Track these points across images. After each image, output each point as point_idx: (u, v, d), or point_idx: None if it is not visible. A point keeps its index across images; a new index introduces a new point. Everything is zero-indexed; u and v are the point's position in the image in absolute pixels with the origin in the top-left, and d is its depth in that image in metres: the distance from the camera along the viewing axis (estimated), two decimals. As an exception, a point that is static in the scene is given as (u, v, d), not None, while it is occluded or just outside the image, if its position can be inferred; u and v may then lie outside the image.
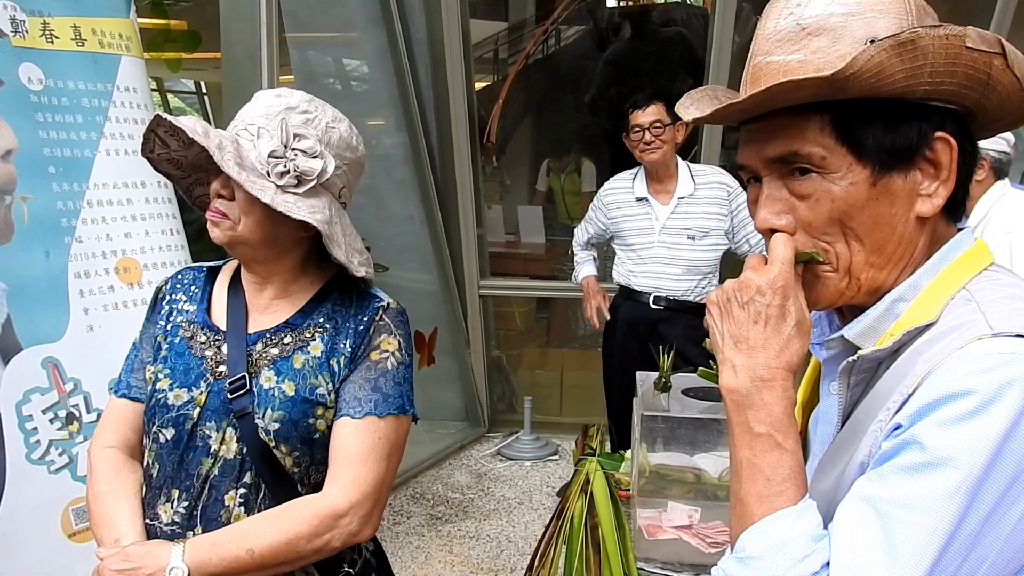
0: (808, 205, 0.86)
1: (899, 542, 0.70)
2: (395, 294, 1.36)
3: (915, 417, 0.74)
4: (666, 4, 8.98)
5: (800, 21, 0.84)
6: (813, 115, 0.83)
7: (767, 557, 0.78)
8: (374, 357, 1.40)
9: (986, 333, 0.75)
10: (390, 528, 3.87)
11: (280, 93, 1.40)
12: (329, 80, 4.82)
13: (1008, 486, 0.69)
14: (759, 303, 0.85)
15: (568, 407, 5.26)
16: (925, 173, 0.85)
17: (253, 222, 1.35)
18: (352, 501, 1.31)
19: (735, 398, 0.85)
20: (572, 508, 2.22)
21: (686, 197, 3.42)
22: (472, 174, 4.72)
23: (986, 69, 0.79)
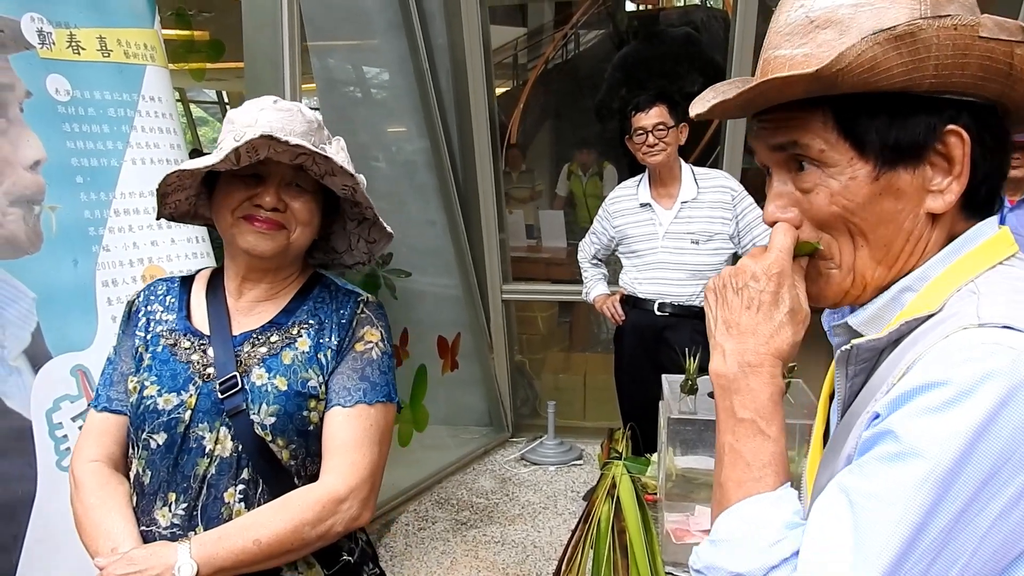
0: (810, 199, 0.85)
1: (866, 532, 0.68)
2: (418, 299, 1.38)
3: (892, 406, 0.72)
4: (685, 6, 8.96)
5: (809, 13, 0.82)
6: (816, 110, 0.82)
7: (738, 541, 0.77)
8: (359, 348, 1.46)
9: (972, 323, 0.72)
10: (415, 534, 3.88)
11: (299, 107, 1.43)
12: (350, 87, 4.85)
13: (984, 482, 0.67)
14: (753, 289, 0.85)
15: (592, 411, 5.24)
16: (937, 168, 0.81)
17: (309, 232, 1.44)
18: (351, 486, 1.36)
19: (722, 383, 0.85)
20: (599, 512, 2.21)
21: (689, 201, 3.42)
22: (494, 179, 4.73)
23: (1007, 59, 0.75)
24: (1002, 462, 0.67)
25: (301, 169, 1.39)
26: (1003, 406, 0.67)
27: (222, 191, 1.41)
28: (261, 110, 1.38)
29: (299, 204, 1.41)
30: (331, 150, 1.41)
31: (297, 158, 1.36)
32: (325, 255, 1.61)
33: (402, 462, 4.51)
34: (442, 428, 4.91)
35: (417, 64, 4.49)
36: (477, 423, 5.17)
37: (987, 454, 0.67)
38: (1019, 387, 0.67)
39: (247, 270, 1.47)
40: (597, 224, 3.72)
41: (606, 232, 3.66)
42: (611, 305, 3.66)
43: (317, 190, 1.44)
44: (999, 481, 0.67)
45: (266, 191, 1.38)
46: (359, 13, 4.42)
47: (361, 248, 1.58)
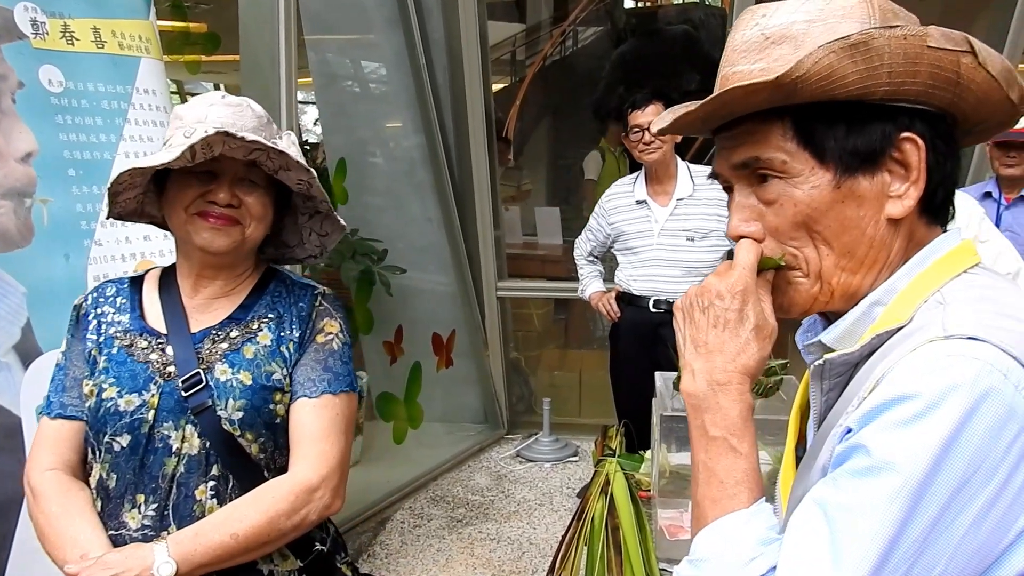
0: (774, 211, 0.86)
1: (843, 546, 0.68)
2: (413, 296, 1.38)
3: (863, 420, 0.73)
4: (684, 4, 8.95)
5: (764, 31, 0.84)
6: (776, 121, 0.84)
7: (715, 559, 0.78)
8: (320, 340, 1.48)
9: (938, 335, 0.73)
10: (410, 531, 3.87)
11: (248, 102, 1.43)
12: (347, 82, 4.83)
13: (956, 491, 0.67)
14: (718, 307, 0.86)
15: (587, 408, 5.25)
16: (894, 175, 0.83)
17: (263, 227, 1.45)
18: (322, 475, 1.38)
19: (693, 402, 0.86)
20: (592, 509, 2.20)
21: (685, 198, 3.42)
22: (489, 175, 4.72)
23: (954, 68, 0.78)
24: (972, 471, 0.68)
25: (254, 164, 1.39)
26: (970, 417, 0.68)
27: (174, 188, 1.40)
28: (211, 106, 1.38)
29: (253, 199, 1.41)
30: (283, 144, 1.40)
31: (251, 154, 1.36)
32: (276, 250, 1.61)
33: (397, 459, 4.50)
34: (437, 425, 4.90)
35: (414, 59, 4.47)
36: (472, 420, 5.15)
37: (957, 464, 0.67)
38: (985, 397, 0.68)
39: (202, 267, 1.47)
40: (593, 221, 3.73)
41: (602, 229, 3.66)
42: (606, 302, 3.67)
43: (268, 185, 1.44)
44: (970, 490, 0.68)
45: (220, 187, 1.38)
46: (356, 8, 4.40)
47: (313, 241, 1.58)
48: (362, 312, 4.46)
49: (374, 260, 4.35)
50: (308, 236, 1.58)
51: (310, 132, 8.87)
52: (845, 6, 0.82)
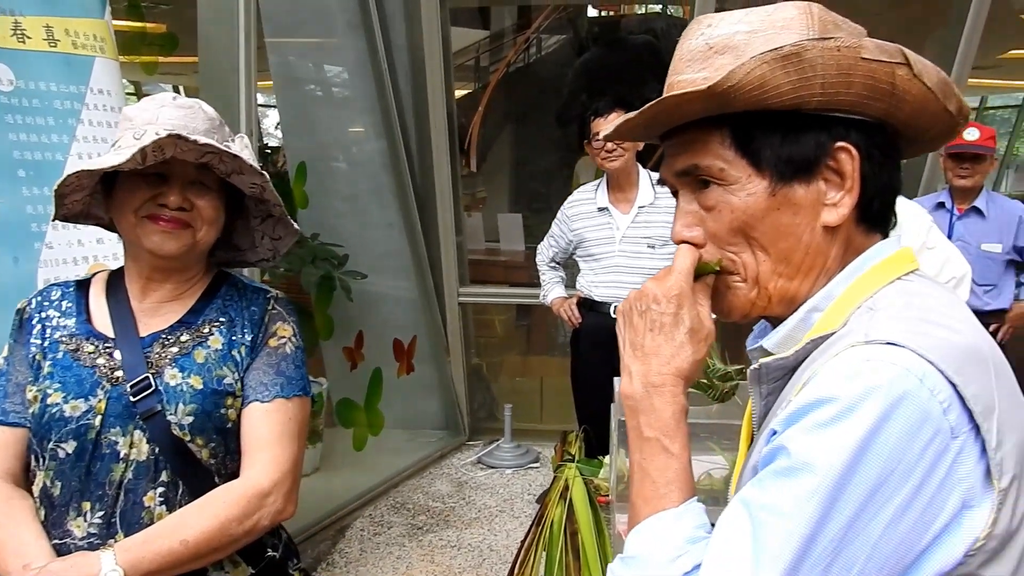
0: (713, 216, 0.88)
1: (762, 544, 0.70)
2: (374, 302, 1.36)
3: (787, 423, 0.75)
4: (646, 14, 9.03)
5: (709, 41, 0.86)
6: (715, 129, 0.86)
7: (643, 557, 0.79)
8: (272, 344, 1.46)
9: (859, 340, 0.75)
10: (370, 539, 3.84)
11: (199, 103, 1.41)
12: (308, 85, 4.80)
13: (871, 493, 0.69)
14: (655, 311, 0.88)
15: (549, 414, 5.25)
16: (830, 183, 0.85)
17: (215, 230, 1.43)
18: (274, 480, 1.36)
19: (630, 404, 0.87)
20: (551, 515, 2.20)
21: (646, 206, 3.45)
22: (451, 182, 4.72)
23: (889, 79, 0.80)
24: (887, 473, 0.69)
25: (205, 167, 1.37)
26: (885, 420, 0.69)
27: (122, 191, 1.38)
28: (161, 107, 1.36)
29: (204, 202, 1.39)
30: (236, 147, 1.39)
31: (203, 156, 1.33)
32: (227, 253, 1.58)
33: (357, 466, 4.47)
34: (398, 432, 4.88)
35: (376, 64, 4.46)
36: (433, 426, 5.14)
37: (872, 466, 0.69)
38: (900, 401, 0.70)
39: (151, 271, 1.44)
40: (555, 227, 3.74)
41: (564, 235, 3.67)
42: (568, 308, 3.68)
43: (220, 188, 1.42)
44: (886, 492, 0.69)
45: (171, 190, 1.36)
46: (318, 11, 4.38)
47: (266, 245, 1.57)
48: (322, 318, 4.42)
49: (335, 265, 4.32)
50: (260, 240, 1.56)
51: (271, 136, 8.79)
52: (785, 18, 0.84)
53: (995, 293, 3.83)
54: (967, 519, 0.72)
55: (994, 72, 11.62)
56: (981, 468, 0.72)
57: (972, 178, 3.72)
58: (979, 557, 0.72)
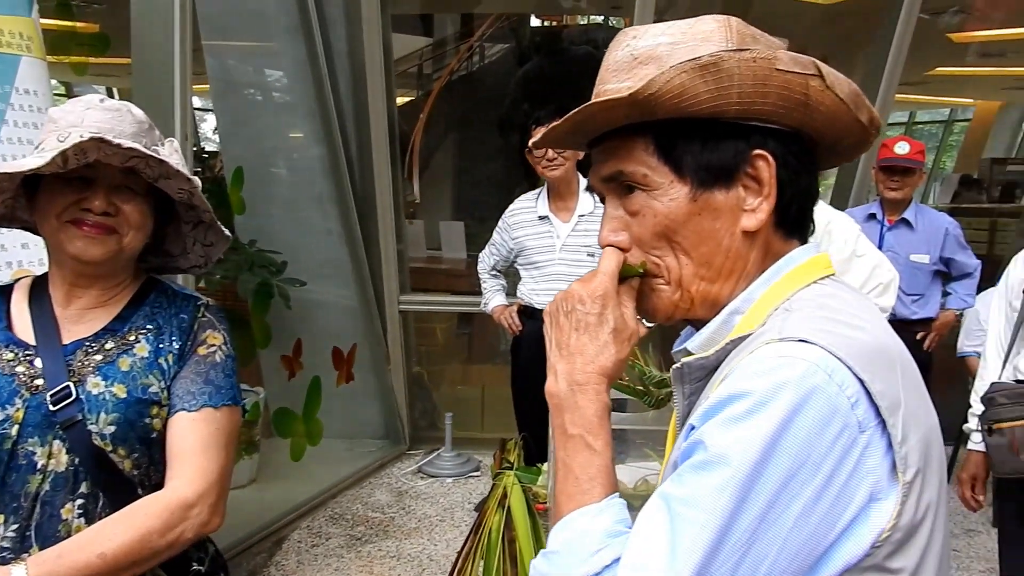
0: (637, 221, 0.90)
1: (679, 536, 0.71)
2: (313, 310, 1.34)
3: (703, 418, 0.77)
4: (588, 25, 9.12)
5: (633, 52, 0.89)
6: (639, 137, 0.88)
7: (564, 552, 0.80)
8: (202, 352, 1.43)
9: (774, 338, 0.78)
10: (308, 551, 3.78)
11: (128, 106, 1.38)
12: (246, 90, 4.73)
13: (783, 485, 0.71)
14: (580, 311, 0.90)
15: (490, 422, 5.25)
16: (749, 189, 0.87)
17: (142, 236, 1.39)
18: (199, 491, 1.32)
19: (555, 402, 0.89)
20: (489, 523, 2.19)
21: (586, 215, 3.49)
22: (392, 189, 4.69)
23: (803, 90, 0.83)
24: (798, 465, 0.71)
25: (132, 171, 1.33)
26: (795, 413, 0.72)
27: (45, 194, 1.33)
28: (87, 109, 1.32)
29: (131, 207, 1.35)
30: (164, 152, 1.36)
31: (129, 161, 1.30)
32: (159, 259, 1.55)
33: (294, 477, 4.40)
34: (337, 441, 4.82)
35: (316, 69, 4.42)
36: (373, 436, 5.09)
37: (783, 458, 0.71)
38: (810, 395, 0.72)
39: (76, 276, 1.40)
40: (496, 236, 3.75)
41: (505, 244, 3.69)
42: (508, 316, 3.70)
43: (149, 192, 1.39)
44: (797, 483, 0.71)
45: (95, 195, 1.32)
46: (257, 14, 4.33)
47: (197, 251, 1.53)
48: (259, 326, 4.35)
49: (272, 272, 4.26)
50: (192, 246, 1.53)
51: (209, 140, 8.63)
52: (705, 30, 0.87)
53: (922, 302, 3.95)
54: (874, 511, 0.74)
55: (922, 88, 12.04)
56: (887, 462, 0.75)
57: (902, 190, 3.83)
58: (885, 548, 0.75)
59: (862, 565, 0.74)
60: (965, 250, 3.95)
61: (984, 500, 2.60)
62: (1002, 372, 2.52)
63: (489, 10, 8.42)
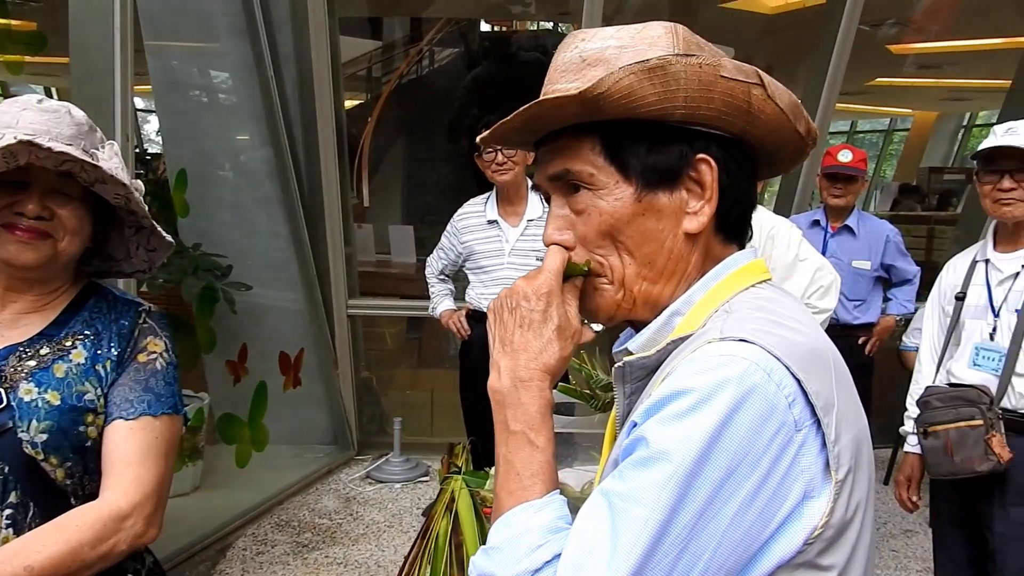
0: (583, 220, 0.91)
1: (620, 531, 0.72)
2: (259, 314, 1.32)
3: (645, 415, 0.78)
4: (538, 31, 9.17)
5: (582, 54, 0.90)
6: (586, 137, 0.89)
7: (505, 548, 0.80)
8: (142, 359, 1.40)
9: (715, 337, 0.80)
10: (253, 559, 3.72)
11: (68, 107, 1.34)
12: (190, 91, 4.65)
13: (722, 481, 0.73)
14: (524, 308, 0.90)
15: (439, 427, 5.23)
16: (692, 193, 0.89)
17: (79, 240, 1.36)
18: (134, 502, 1.29)
19: (497, 398, 0.89)
20: (437, 527, 2.19)
21: (535, 219, 3.51)
22: (340, 192, 4.66)
23: (745, 98, 0.85)
24: (737, 462, 0.73)
25: (68, 175, 1.31)
26: (735, 411, 0.74)
27: None
28: (23, 110, 1.29)
29: (67, 212, 1.32)
30: (103, 155, 1.33)
31: (63, 164, 1.28)
32: (103, 263, 1.52)
33: (239, 484, 4.34)
34: (283, 447, 4.76)
35: (262, 71, 4.37)
36: (321, 441, 5.04)
37: (723, 455, 0.73)
38: (749, 393, 0.74)
39: (9, 281, 1.37)
40: (445, 240, 3.75)
41: (454, 248, 3.68)
42: (457, 320, 3.69)
43: (87, 196, 1.36)
44: (735, 480, 0.73)
45: (29, 198, 1.29)
46: (201, 15, 4.26)
47: (141, 256, 1.50)
48: (204, 330, 4.28)
49: (217, 276, 4.19)
50: (135, 250, 1.50)
51: (152, 142, 8.47)
52: (653, 35, 0.89)
53: (864, 308, 4.03)
54: (807, 509, 0.76)
55: (862, 98, 12.36)
56: (821, 460, 0.77)
57: (845, 198, 3.91)
58: (817, 545, 0.77)
59: (794, 562, 0.76)
60: (905, 257, 4.04)
61: (920, 501, 2.67)
62: (936, 376, 2.59)
63: (439, 14, 8.41)
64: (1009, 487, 2.35)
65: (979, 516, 2.45)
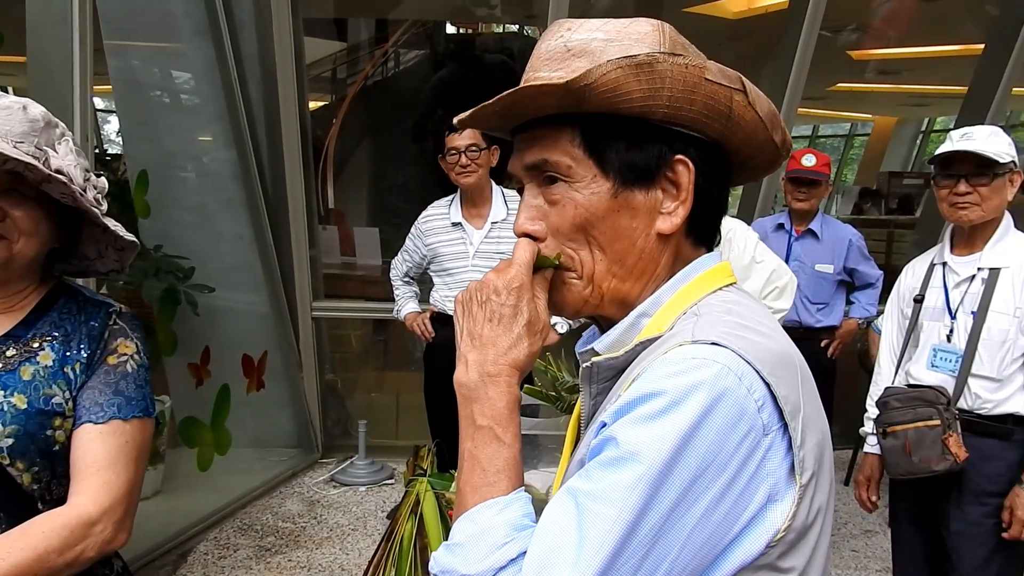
0: (557, 211, 0.91)
1: (587, 531, 0.72)
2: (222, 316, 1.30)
3: (616, 415, 0.78)
4: (503, 33, 9.18)
5: (567, 43, 0.89)
6: (566, 128, 0.89)
7: (469, 544, 0.80)
8: (112, 361, 1.38)
9: (687, 340, 0.80)
10: (215, 563, 3.68)
11: (23, 103, 1.32)
12: (152, 91, 4.60)
13: (690, 483, 0.73)
14: (494, 302, 0.89)
15: (404, 430, 5.21)
16: (667, 193, 0.90)
17: (36, 242, 1.33)
18: (104, 507, 1.27)
19: (464, 392, 0.88)
20: (402, 530, 2.19)
21: (499, 222, 3.51)
22: (304, 193, 4.63)
23: (727, 103, 0.86)
24: (705, 465, 0.73)
25: (18, 173, 1.28)
26: (707, 414, 0.74)
27: None
28: None
29: (20, 213, 1.29)
30: (58, 152, 1.30)
31: (7, 164, 1.25)
32: (80, 262, 1.49)
33: (201, 487, 4.29)
34: (247, 451, 4.72)
35: (225, 72, 4.32)
36: (285, 444, 5.00)
37: (693, 457, 0.73)
38: (721, 396, 0.75)
39: None
40: (409, 242, 3.74)
41: (418, 250, 3.68)
42: (421, 322, 3.69)
43: (43, 196, 1.33)
44: (703, 482, 0.73)
45: None
46: (162, 14, 4.21)
47: (111, 256, 1.48)
48: (165, 333, 4.23)
49: (179, 278, 4.15)
50: (105, 250, 1.47)
51: (112, 143, 8.35)
52: (640, 31, 0.89)
53: (827, 311, 4.08)
54: (771, 512, 0.77)
55: (824, 103, 12.54)
56: (786, 464, 0.78)
57: (809, 201, 3.96)
58: (778, 548, 0.77)
59: (756, 564, 0.77)
60: (868, 261, 4.09)
61: (879, 501, 2.72)
62: (895, 377, 2.63)
63: (404, 16, 8.38)
64: (965, 486, 2.40)
65: (936, 515, 2.49)
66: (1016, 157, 2.38)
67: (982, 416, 2.37)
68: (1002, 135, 2.38)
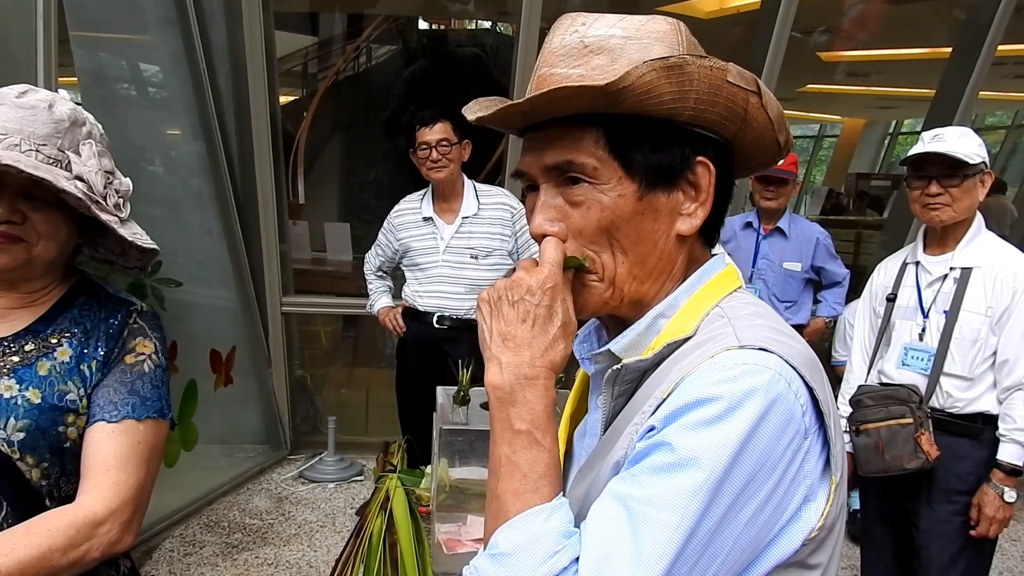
0: (580, 213, 0.89)
1: (644, 537, 0.72)
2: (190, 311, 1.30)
3: (667, 420, 0.78)
4: (475, 29, 9.17)
5: (584, 39, 0.88)
6: (589, 128, 0.87)
7: (518, 554, 0.78)
8: (129, 360, 1.36)
9: (734, 344, 0.80)
10: (180, 560, 3.65)
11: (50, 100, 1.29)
12: (118, 84, 4.52)
13: (744, 486, 0.74)
14: (529, 302, 0.87)
15: (374, 426, 5.19)
16: (687, 195, 0.90)
17: (55, 244, 1.31)
18: (111, 508, 1.25)
19: (499, 395, 0.86)
20: (371, 526, 2.17)
21: (470, 217, 3.51)
22: (274, 188, 4.58)
23: (743, 105, 0.86)
24: (758, 468, 0.75)
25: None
26: (763, 418, 0.75)
27: None
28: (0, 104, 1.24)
29: (40, 216, 1.28)
30: (83, 153, 1.29)
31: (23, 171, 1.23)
32: (107, 252, 1.48)
33: (167, 484, 4.21)
34: (214, 447, 4.66)
35: (193, 65, 4.26)
36: (253, 441, 4.95)
37: (748, 462, 0.74)
38: (775, 401, 0.76)
39: None
40: (382, 236, 3.73)
41: (390, 244, 3.67)
42: (393, 317, 3.68)
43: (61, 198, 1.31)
44: (755, 485, 0.75)
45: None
46: (129, 5, 4.14)
47: (134, 255, 1.46)
48: (131, 328, 4.16)
49: (147, 273, 4.08)
50: (128, 249, 1.44)
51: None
52: (658, 30, 0.88)
53: (795, 309, 4.12)
54: (806, 511, 0.79)
55: (794, 104, 12.66)
56: (820, 465, 0.80)
57: (777, 200, 3.99)
58: (810, 546, 0.79)
59: (788, 562, 0.78)
60: (835, 260, 4.13)
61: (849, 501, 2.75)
62: (868, 375, 2.66)
63: (376, 11, 8.34)
64: (936, 484, 2.43)
65: (906, 513, 2.53)
66: (987, 158, 2.41)
67: (953, 415, 2.41)
68: (973, 136, 2.41)
